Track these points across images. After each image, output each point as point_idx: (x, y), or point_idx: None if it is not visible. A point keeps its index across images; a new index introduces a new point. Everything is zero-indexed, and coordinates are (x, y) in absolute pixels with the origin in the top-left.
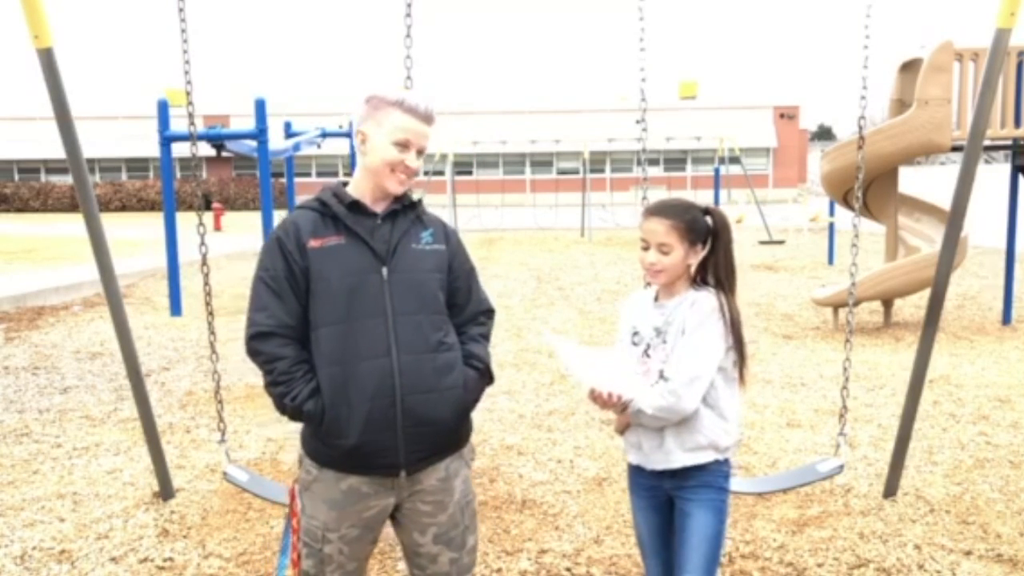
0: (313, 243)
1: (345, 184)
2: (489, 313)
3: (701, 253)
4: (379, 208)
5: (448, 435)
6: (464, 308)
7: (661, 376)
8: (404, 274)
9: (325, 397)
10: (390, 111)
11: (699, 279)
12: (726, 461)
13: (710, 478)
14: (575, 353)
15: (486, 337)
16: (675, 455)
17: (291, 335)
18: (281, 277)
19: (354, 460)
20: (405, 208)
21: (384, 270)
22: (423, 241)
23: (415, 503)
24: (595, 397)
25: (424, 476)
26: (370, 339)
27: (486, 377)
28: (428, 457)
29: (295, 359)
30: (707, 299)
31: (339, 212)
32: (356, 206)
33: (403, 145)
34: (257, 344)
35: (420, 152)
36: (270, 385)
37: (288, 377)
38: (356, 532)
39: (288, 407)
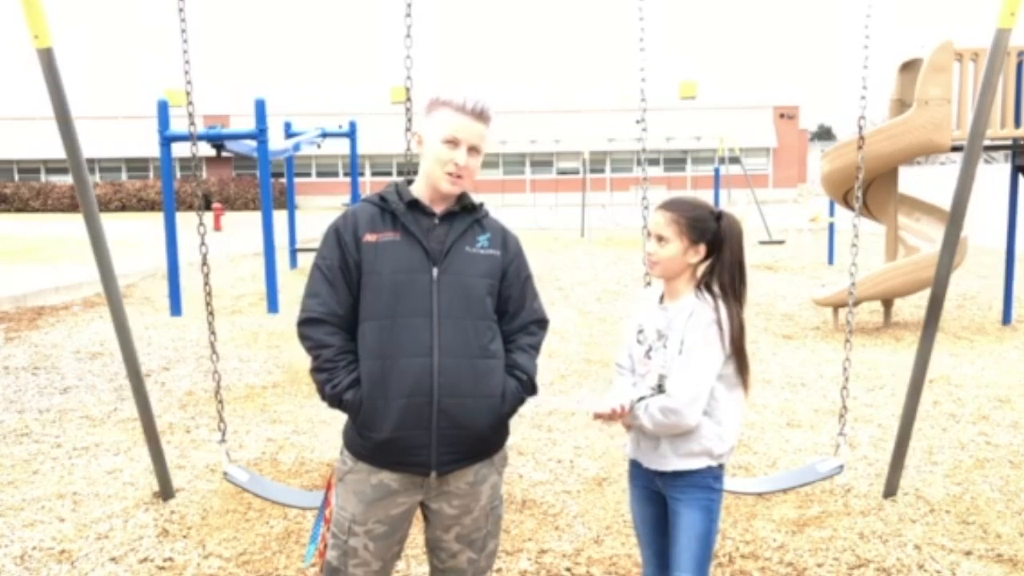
0: (369, 237)
1: (411, 183)
2: (542, 323)
3: (703, 254)
4: (438, 209)
5: (481, 441)
6: (515, 316)
7: (660, 380)
8: (453, 276)
9: (364, 389)
10: (441, 110)
11: (704, 284)
12: (719, 465)
13: (700, 479)
14: (586, 397)
15: (535, 348)
16: (669, 459)
17: (340, 324)
18: (336, 267)
19: (386, 455)
20: (464, 210)
21: (434, 270)
22: (478, 245)
23: (441, 504)
24: (598, 416)
25: (453, 479)
26: (413, 337)
27: (528, 389)
28: (459, 460)
29: (340, 348)
30: (704, 311)
31: (397, 209)
32: (415, 205)
33: (452, 143)
34: (306, 329)
35: (473, 150)
36: (315, 371)
37: (332, 365)
38: (382, 529)
39: (328, 394)
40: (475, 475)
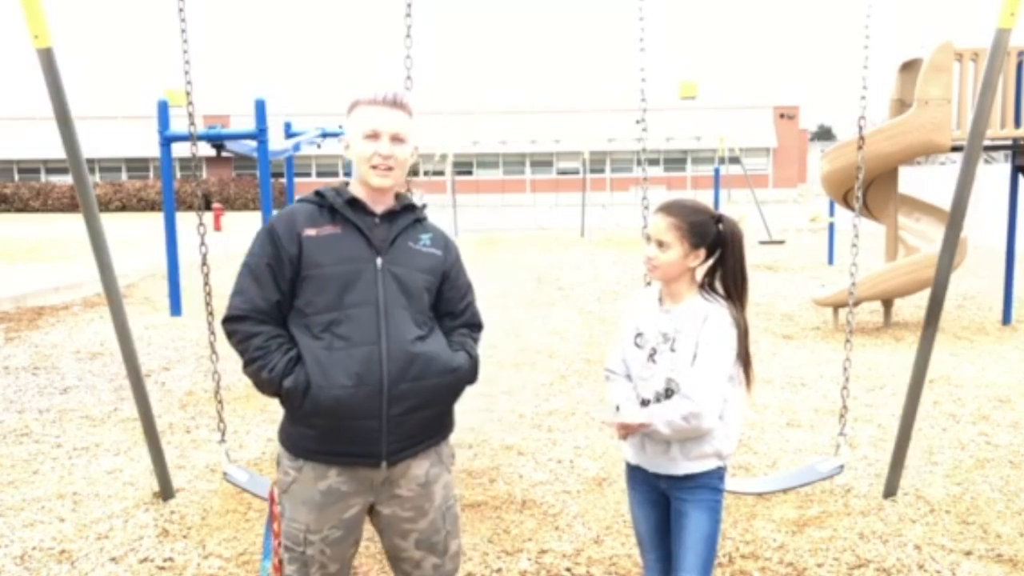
0: (309, 232)
1: (346, 184)
2: (480, 327)
3: (703, 258)
4: (378, 208)
5: (429, 423)
6: (459, 317)
7: (668, 384)
8: (397, 268)
9: (312, 378)
10: (356, 109)
11: (707, 285)
12: (725, 466)
13: (706, 479)
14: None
15: (476, 342)
16: (679, 463)
17: (264, 319)
18: (263, 264)
19: (334, 443)
20: (404, 209)
21: (379, 260)
22: (421, 242)
23: (394, 509)
24: (624, 426)
25: (404, 481)
26: (361, 326)
27: (475, 368)
28: (408, 448)
29: (269, 335)
30: (720, 315)
31: (336, 203)
32: (355, 203)
33: (371, 136)
34: (230, 325)
35: (396, 139)
36: (248, 364)
37: (263, 351)
38: (338, 534)
39: (265, 380)
40: (426, 475)
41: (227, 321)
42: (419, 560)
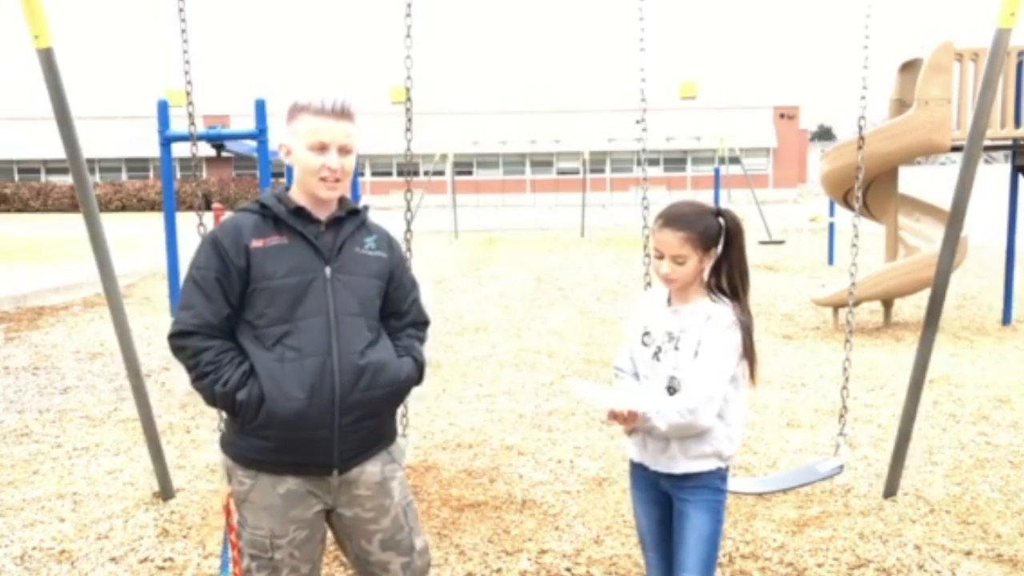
0: (256, 243)
1: (287, 189)
2: (426, 324)
3: (715, 255)
4: (322, 215)
5: (377, 430)
6: (405, 315)
7: (671, 382)
8: (347, 275)
9: (266, 391)
10: (300, 116)
11: (713, 284)
12: (726, 467)
13: (708, 480)
14: (592, 389)
15: (422, 341)
16: (679, 461)
17: (214, 334)
18: (212, 277)
19: (288, 455)
20: (349, 214)
21: (327, 270)
22: (366, 247)
23: (356, 511)
24: (614, 416)
25: (360, 481)
26: (312, 337)
27: (422, 372)
28: (358, 456)
29: (220, 348)
30: (724, 315)
31: (280, 213)
32: (300, 212)
33: (319, 148)
34: (179, 341)
35: (343, 151)
36: (198, 378)
37: (215, 365)
38: (304, 533)
39: (219, 394)
40: (382, 473)
41: (175, 336)
42: (386, 562)
